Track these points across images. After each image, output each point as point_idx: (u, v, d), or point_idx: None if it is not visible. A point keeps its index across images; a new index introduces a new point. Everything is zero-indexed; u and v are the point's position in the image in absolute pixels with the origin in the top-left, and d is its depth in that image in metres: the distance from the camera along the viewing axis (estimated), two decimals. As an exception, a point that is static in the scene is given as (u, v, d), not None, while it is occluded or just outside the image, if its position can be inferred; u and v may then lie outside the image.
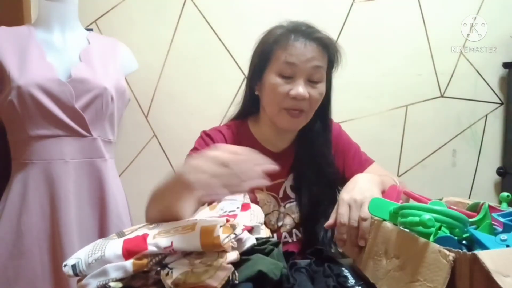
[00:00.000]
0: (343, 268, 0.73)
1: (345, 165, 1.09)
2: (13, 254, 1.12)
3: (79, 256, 0.63)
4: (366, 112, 1.70)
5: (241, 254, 0.65)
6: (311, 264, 0.75)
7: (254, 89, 1.02)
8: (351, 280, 0.68)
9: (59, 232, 1.15)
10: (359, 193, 0.77)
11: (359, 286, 0.66)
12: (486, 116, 1.75)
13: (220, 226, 0.63)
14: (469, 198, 1.18)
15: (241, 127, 1.07)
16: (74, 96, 1.15)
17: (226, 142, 1.03)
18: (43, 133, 1.14)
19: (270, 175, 1.01)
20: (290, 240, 1.03)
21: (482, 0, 1.70)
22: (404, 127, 1.72)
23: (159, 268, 0.61)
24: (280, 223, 1.03)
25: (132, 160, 1.65)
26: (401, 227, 0.61)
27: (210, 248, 0.60)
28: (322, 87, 0.97)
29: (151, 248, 0.61)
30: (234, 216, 0.75)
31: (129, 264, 0.60)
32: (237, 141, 1.04)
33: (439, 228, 0.56)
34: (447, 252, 0.47)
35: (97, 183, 1.23)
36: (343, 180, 1.00)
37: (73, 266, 0.62)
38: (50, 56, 1.18)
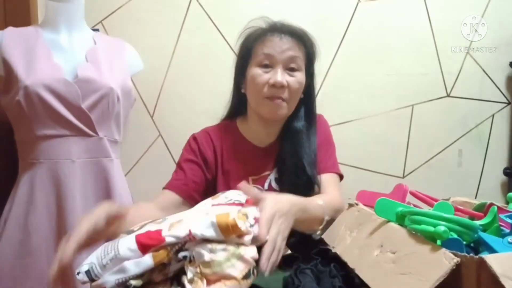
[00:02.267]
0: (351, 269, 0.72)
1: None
2: (21, 253, 1.13)
3: (91, 260, 0.61)
4: (371, 112, 1.70)
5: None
6: (317, 264, 0.75)
7: (241, 88, 1.10)
8: (358, 281, 0.68)
9: (66, 232, 1.15)
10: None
11: (365, 286, 0.66)
12: (493, 116, 1.74)
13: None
14: (475, 198, 1.17)
15: (230, 126, 1.15)
16: (81, 96, 1.15)
17: (213, 142, 1.10)
18: (50, 133, 1.15)
19: (257, 168, 1.07)
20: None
21: (489, 0, 1.68)
22: (410, 127, 1.71)
23: (181, 256, 0.59)
24: None
25: (138, 159, 1.66)
26: (407, 228, 0.61)
27: (227, 230, 0.58)
28: (300, 76, 1.03)
29: (169, 239, 0.59)
30: (241, 205, 0.73)
31: (148, 258, 0.58)
32: (224, 139, 1.12)
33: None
34: (452, 256, 0.47)
35: (103, 182, 1.23)
36: None
37: (87, 272, 0.60)
38: (56, 56, 1.19)
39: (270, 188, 1.08)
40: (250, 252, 0.60)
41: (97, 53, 1.25)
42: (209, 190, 1.06)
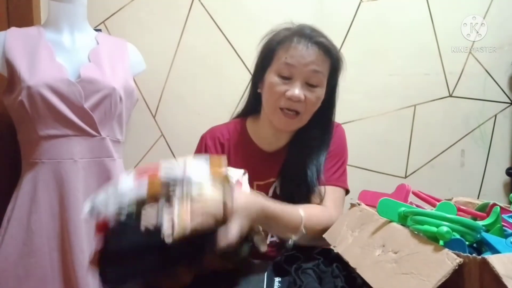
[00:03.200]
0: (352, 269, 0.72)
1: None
2: (24, 253, 1.14)
3: (93, 200, 0.65)
4: (373, 112, 1.70)
5: None
6: (319, 264, 0.75)
7: (257, 87, 1.05)
8: (360, 281, 0.68)
9: (68, 231, 1.16)
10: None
11: (367, 286, 0.66)
12: (495, 116, 1.74)
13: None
14: (478, 198, 1.17)
15: (239, 126, 1.11)
16: (83, 96, 1.16)
17: (220, 145, 1.08)
18: (53, 133, 1.16)
19: (262, 173, 1.05)
20: (278, 241, 1.02)
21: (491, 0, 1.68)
22: (412, 127, 1.71)
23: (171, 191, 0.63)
24: None
25: (140, 159, 1.66)
26: (410, 228, 0.61)
27: (217, 171, 0.63)
28: (320, 91, 0.98)
29: (164, 167, 0.64)
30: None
31: (144, 186, 0.62)
32: (232, 141, 1.09)
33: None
34: (455, 256, 0.47)
35: (106, 182, 1.23)
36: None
37: (91, 209, 0.64)
38: (59, 56, 1.19)
39: (275, 196, 1.04)
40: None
41: (100, 53, 1.26)
42: None
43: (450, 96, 1.72)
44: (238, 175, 0.84)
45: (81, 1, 1.27)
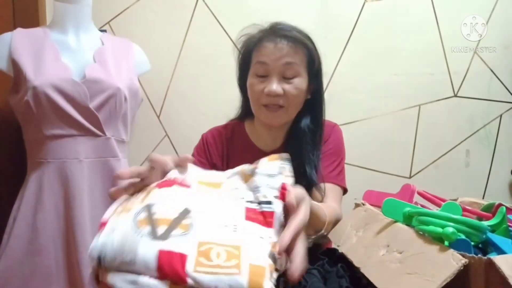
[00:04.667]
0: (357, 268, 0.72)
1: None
2: (29, 251, 1.14)
3: (105, 241, 0.54)
4: (378, 112, 1.69)
5: None
6: (324, 264, 0.75)
7: (245, 91, 1.08)
8: (365, 281, 0.68)
9: (73, 230, 1.16)
10: None
11: (372, 286, 0.66)
12: (501, 116, 1.73)
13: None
14: (483, 199, 1.16)
15: (238, 126, 1.15)
16: (88, 96, 1.16)
17: (221, 145, 1.12)
18: (58, 132, 1.16)
19: None
20: None
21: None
22: (417, 127, 1.71)
23: None
24: None
25: (145, 159, 1.67)
26: (415, 228, 0.60)
27: None
28: (298, 82, 0.99)
29: (190, 282, 0.52)
30: (271, 215, 0.57)
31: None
32: (231, 141, 1.13)
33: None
34: (460, 257, 0.47)
35: (111, 182, 1.24)
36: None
37: (99, 258, 0.53)
38: (64, 57, 1.20)
39: None
40: None
41: (105, 53, 1.26)
42: None
43: (455, 96, 1.71)
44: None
45: (86, 1, 1.27)
